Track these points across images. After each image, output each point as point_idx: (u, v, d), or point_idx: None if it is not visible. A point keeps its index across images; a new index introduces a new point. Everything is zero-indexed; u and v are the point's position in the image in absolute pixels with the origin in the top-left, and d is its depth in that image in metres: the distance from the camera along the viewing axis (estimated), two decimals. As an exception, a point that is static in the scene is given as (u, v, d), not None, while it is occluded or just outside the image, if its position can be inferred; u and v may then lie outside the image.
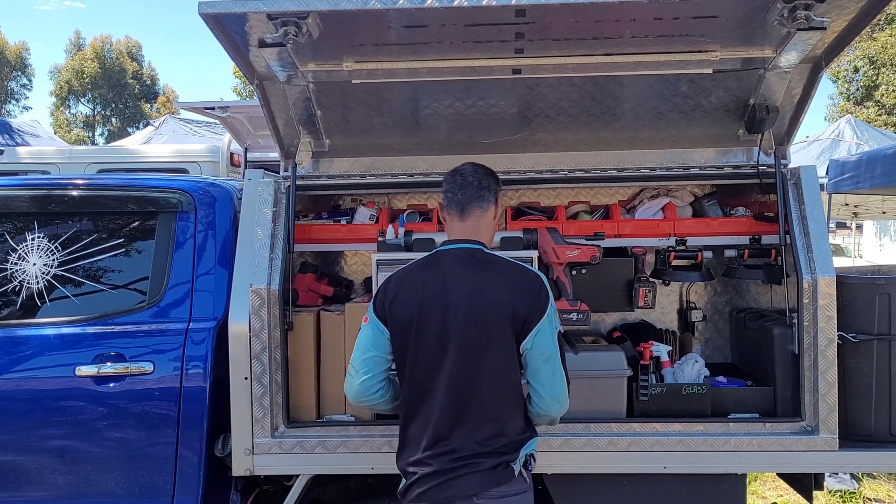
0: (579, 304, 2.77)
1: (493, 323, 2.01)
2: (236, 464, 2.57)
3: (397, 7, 2.13)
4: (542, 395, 2.06)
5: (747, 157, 2.98)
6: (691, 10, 2.26)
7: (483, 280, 2.05)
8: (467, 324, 2.02)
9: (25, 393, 2.63)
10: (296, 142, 2.96)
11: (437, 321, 2.04)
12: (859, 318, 2.55)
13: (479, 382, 2.02)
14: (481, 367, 2.01)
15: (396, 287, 2.13)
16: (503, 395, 2.04)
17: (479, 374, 2.01)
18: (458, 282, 2.06)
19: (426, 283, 2.09)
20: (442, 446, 2.01)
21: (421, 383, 2.07)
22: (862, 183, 6.72)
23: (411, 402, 2.10)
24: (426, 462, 2.02)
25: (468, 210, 2.17)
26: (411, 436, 2.09)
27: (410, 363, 2.08)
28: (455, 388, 2.02)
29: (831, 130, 11.93)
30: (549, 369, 2.05)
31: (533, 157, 3.01)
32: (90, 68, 39.93)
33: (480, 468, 1.98)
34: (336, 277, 3.35)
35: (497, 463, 2.00)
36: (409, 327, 2.07)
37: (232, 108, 5.81)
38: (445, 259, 2.12)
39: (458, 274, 2.07)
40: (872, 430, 2.58)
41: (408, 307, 2.07)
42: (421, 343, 2.06)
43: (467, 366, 2.02)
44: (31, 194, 2.94)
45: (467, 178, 2.19)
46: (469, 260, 2.10)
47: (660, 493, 2.65)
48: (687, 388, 2.69)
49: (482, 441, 2.00)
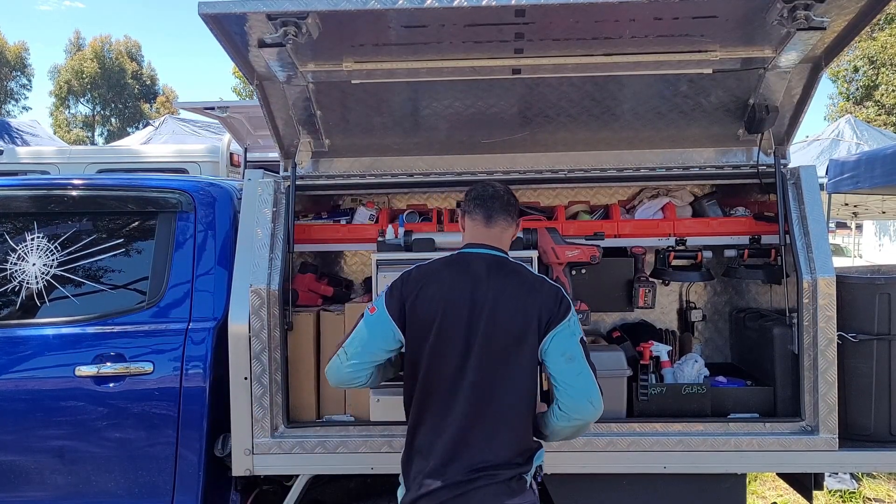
0: (579, 304, 2.76)
1: (517, 332, 1.98)
2: (236, 464, 2.57)
3: (397, 7, 2.13)
4: (570, 395, 1.97)
5: (747, 156, 2.98)
6: (691, 10, 2.26)
7: (509, 288, 2.03)
8: (492, 331, 1.98)
9: (25, 393, 2.63)
10: (295, 142, 2.96)
11: (462, 326, 1.99)
12: (859, 317, 2.55)
13: (500, 392, 1.97)
14: (503, 377, 1.97)
15: (419, 284, 2.06)
16: (521, 406, 2.00)
17: (501, 384, 1.97)
18: (485, 287, 2.02)
19: (453, 285, 2.04)
20: (457, 456, 1.94)
21: (436, 389, 2.00)
22: (861, 183, 6.71)
23: (421, 409, 2.03)
24: (439, 472, 1.94)
25: (495, 219, 2.15)
26: (421, 444, 2.01)
27: (426, 367, 2.01)
28: (475, 396, 1.96)
29: (831, 130, 11.92)
30: (575, 368, 1.98)
31: (533, 157, 3.01)
32: (90, 68, 39.90)
33: (497, 480, 1.93)
34: (336, 277, 3.35)
35: (513, 475, 1.96)
36: (429, 328, 2.00)
37: (231, 109, 5.81)
38: (473, 262, 2.08)
39: (485, 279, 2.03)
40: (872, 430, 2.58)
41: (431, 307, 2.01)
42: (441, 346, 1.99)
43: (489, 374, 1.97)
44: (31, 194, 2.94)
45: (498, 191, 2.19)
46: (496, 267, 2.07)
47: (659, 492, 2.65)
48: (687, 387, 2.70)
49: (499, 452, 1.96)
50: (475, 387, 1.97)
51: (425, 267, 2.12)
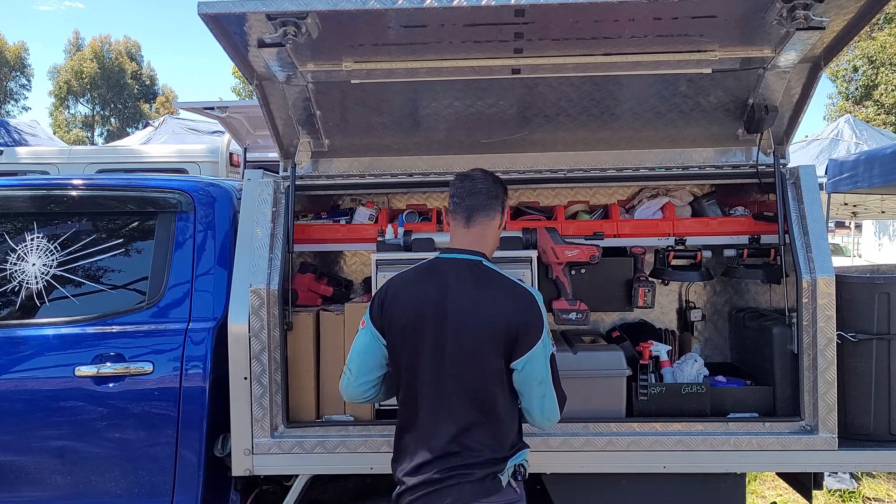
0: (578, 304, 2.77)
1: (486, 338, 2.00)
2: (236, 464, 2.57)
3: (397, 7, 2.13)
4: (532, 415, 2.09)
5: (746, 156, 2.98)
6: (690, 9, 2.26)
7: (480, 294, 2.04)
8: (461, 337, 2.01)
9: (25, 393, 2.63)
10: (295, 142, 2.96)
11: (432, 332, 2.03)
12: (858, 317, 2.55)
13: (469, 395, 2.01)
14: (471, 380, 2.01)
15: (394, 293, 2.11)
16: (491, 409, 2.03)
17: (470, 387, 2.01)
18: (456, 294, 2.04)
19: (424, 292, 2.07)
20: (433, 456, 2.01)
21: (415, 393, 2.05)
22: (861, 182, 6.71)
23: (405, 412, 2.10)
24: (417, 471, 2.02)
25: (474, 218, 2.14)
26: (405, 445, 2.09)
27: (404, 374, 2.08)
28: (445, 398, 2.02)
29: (830, 130, 11.91)
30: (541, 391, 2.04)
31: (532, 157, 3.01)
32: (89, 68, 39.91)
33: (471, 479, 1.98)
34: (335, 277, 3.35)
35: (486, 474, 1.99)
36: (403, 337, 2.06)
37: (231, 109, 5.81)
38: (445, 269, 2.10)
39: (456, 286, 2.05)
40: (871, 430, 2.58)
41: (404, 315, 2.06)
42: (415, 352, 2.04)
43: (458, 377, 2.01)
44: (31, 194, 2.94)
45: (476, 185, 2.16)
46: (468, 273, 2.08)
47: (659, 492, 2.65)
48: (686, 387, 2.70)
49: (472, 453, 2.00)
50: (445, 389, 2.02)
51: (402, 275, 2.17)
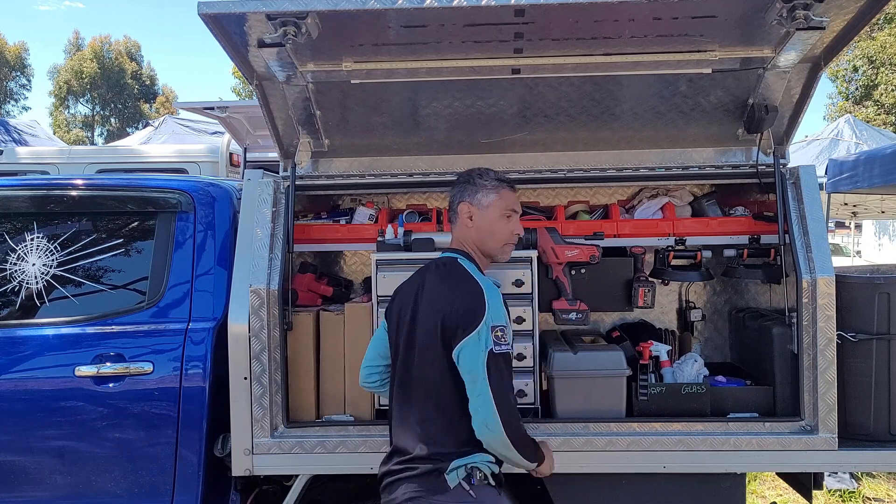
0: (578, 304, 2.77)
1: (434, 328, 2.06)
2: (236, 464, 2.57)
3: (397, 7, 2.13)
4: (472, 417, 2.00)
5: (746, 156, 2.98)
6: (690, 9, 2.26)
7: (440, 289, 2.12)
8: (419, 330, 2.11)
9: (25, 393, 2.63)
10: (295, 142, 2.96)
11: (406, 327, 2.15)
12: (858, 317, 2.55)
13: (418, 387, 2.09)
14: (426, 373, 2.07)
15: (396, 291, 2.29)
16: (436, 403, 2.06)
17: (418, 380, 2.09)
18: (426, 291, 2.15)
19: (408, 291, 2.21)
20: (392, 448, 2.13)
21: (393, 385, 2.20)
22: (861, 182, 6.72)
23: (389, 403, 2.24)
24: (386, 462, 2.13)
25: (451, 217, 2.31)
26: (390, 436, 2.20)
27: (393, 364, 2.23)
28: (402, 392, 2.14)
29: (830, 130, 11.92)
30: (476, 389, 1.98)
31: (532, 157, 3.01)
32: (89, 68, 39.91)
33: (414, 473, 2.01)
34: (335, 277, 3.35)
35: (427, 470, 2.00)
36: (393, 330, 2.22)
37: (231, 109, 5.81)
38: (429, 267, 2.23)
39: (428, 283, 2.16)
40: (872, 430, 2.58)
41: (394, 311, 2.23)
42: (396, 346, 2.19)
43: (410, 370, 2.10)
44: (31, 194, 2.94)
45: (455, 182, 2.31)
46: (441, 270, 2.18)
47: (659, 492, 2.65)
48: (686, 387, 2.69)
49: (417, 445, 2.03)
50: (402, 384, 2.14)
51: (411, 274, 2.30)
